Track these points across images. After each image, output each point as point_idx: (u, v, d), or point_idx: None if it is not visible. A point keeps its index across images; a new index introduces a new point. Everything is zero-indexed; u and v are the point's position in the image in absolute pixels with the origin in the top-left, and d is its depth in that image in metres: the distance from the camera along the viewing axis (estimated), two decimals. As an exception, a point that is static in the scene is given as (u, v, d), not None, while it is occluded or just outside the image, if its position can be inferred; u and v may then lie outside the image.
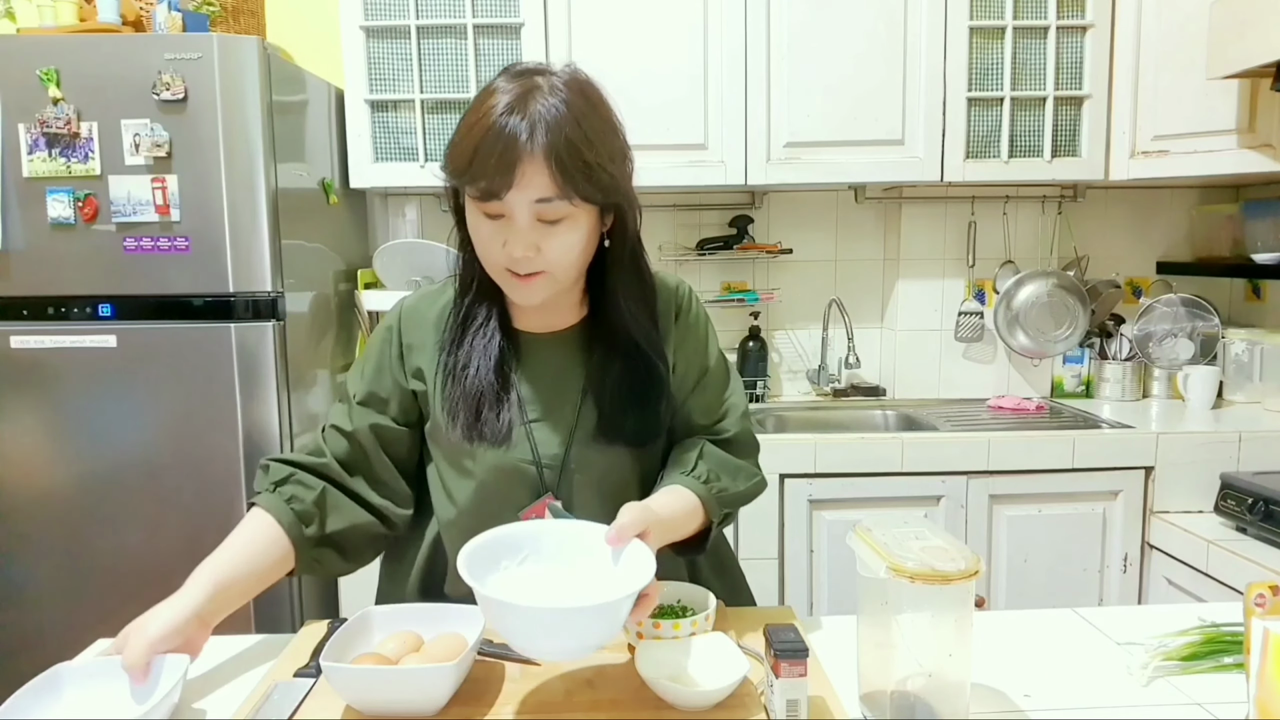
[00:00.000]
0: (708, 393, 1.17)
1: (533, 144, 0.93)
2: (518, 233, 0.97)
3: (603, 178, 0.97)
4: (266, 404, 1.99)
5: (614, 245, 1.06)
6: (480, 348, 1.08)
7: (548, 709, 0.91)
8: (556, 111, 0.94)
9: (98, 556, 2.01)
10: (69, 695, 0.91)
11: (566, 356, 1.12)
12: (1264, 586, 0.85)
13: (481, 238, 1.00)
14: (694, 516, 1.06)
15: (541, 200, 0.95)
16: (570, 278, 1.04)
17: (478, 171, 0.95)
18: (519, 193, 0.94)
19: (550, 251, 0.98)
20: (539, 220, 0.97)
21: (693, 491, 1.06)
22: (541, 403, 1.10)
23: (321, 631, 1.08)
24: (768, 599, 2.20)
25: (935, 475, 2.18)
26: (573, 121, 0.95)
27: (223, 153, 1.93)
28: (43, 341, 1.97)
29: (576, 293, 1.12)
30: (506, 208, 0.96)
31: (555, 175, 0.94)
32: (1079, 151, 2.41)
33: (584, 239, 1.01)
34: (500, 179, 0.94)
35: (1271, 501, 1.88)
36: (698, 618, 1.00)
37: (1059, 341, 2.59)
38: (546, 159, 0.93)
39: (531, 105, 0.94)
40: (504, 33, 2.31)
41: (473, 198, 0.98)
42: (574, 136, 0.94)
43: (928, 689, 0.86)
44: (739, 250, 2.64)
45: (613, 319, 1.09)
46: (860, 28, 2.32)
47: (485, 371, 1.07)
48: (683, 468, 1.10)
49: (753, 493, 1.17)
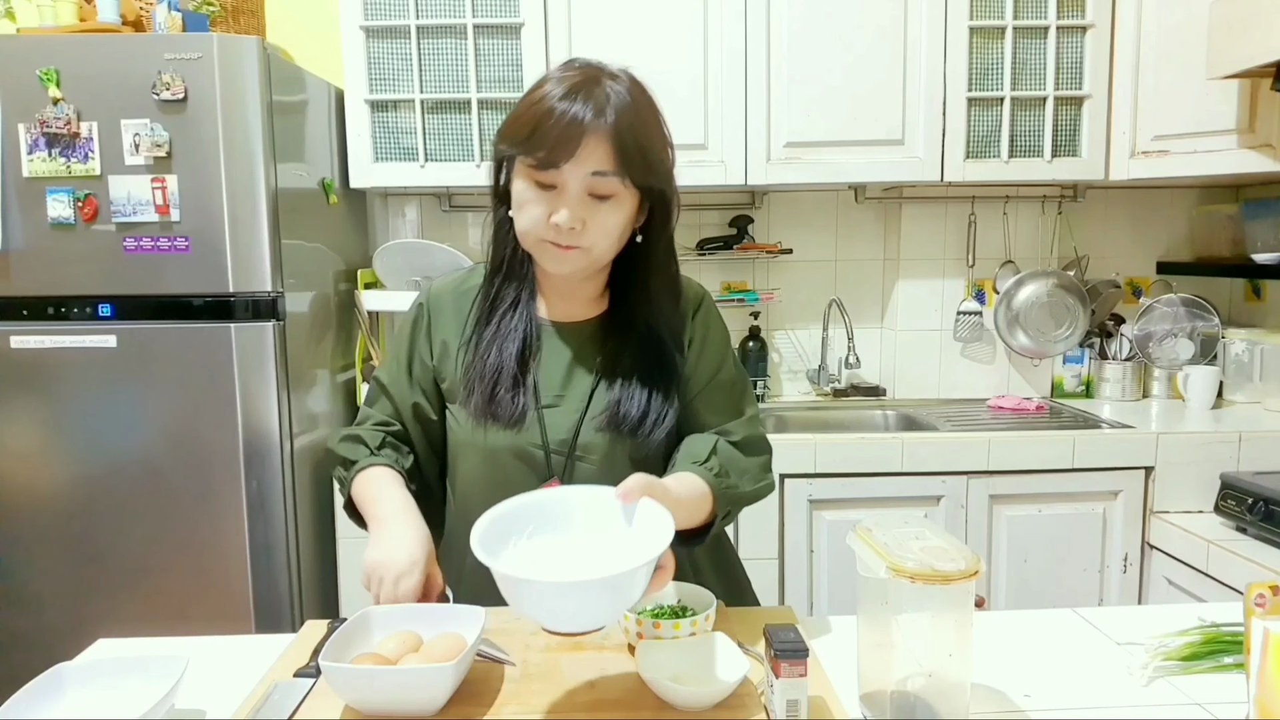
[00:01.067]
0: (719, 394, 1.18)
1: (598, 121, 0.99)
2: (567, 204, 1.01)
3: (655, 164, 1.05)
4: (266, 404, 1.99)
5: (652, 237, 1.11)
6: (506, 331, 1.12)
7: (548, 709, 0.91)
8: (620, 97, 1.02)
9: (98, 556, 2.01)
10: (69, 695, 0.91)
11: (584, 347, 1.15)
12: (1264, 586, 0.85)
13: (527, 208, 1.04)
14: (701, 506, 1.06)
15: (597, 173, 1.01)
16: (602, 260, 1.08)
17: (540, 140, 1.00)
18: (577, 164, 1.00)
19: (593, 228, 1.03)
20: (589, 194, 1.02)
21: (704, 481, 1.06)
22: (556, 389, 1.13)
23: (321, 631, 1.08)
24: (768, 599, 2.20)
25: (935, 475, 2.18)
26: (634, 108, 1.02)
27: (223, 153, 1.93)
28: (43, 341, 1.97)
29: (600, 284, 1.17)
30: (561, 178, 1.01)
31: (615, 152, 1.00)
32: (1079, 151, 2.41)
33: (623, 223, 1.06)
34: (562, 149, 0.99)
35: (1271, 501, 1.88)
36: (698, 618, 1.00)
37: (1059, 341, 2.59)
38: (609, 136, 1.00)
39: (597, 89, 1.01)
40: (504, 33, 2.31)
41: (529, 166, 1.02)
42: (635, 121, 1.02)
43: (928, 689, 0.86)
44: (739, 250, 2.64)
45: (638, 310, 1.13)
46: (860, 28, 2.32)
47: (508, 354, 1.11)
48: (695, 458, 1.10)
49: (758, 494, 1.17)
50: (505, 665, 0.99)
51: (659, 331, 1.13)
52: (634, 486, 0.92)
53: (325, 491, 2.19)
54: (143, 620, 2.01)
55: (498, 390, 1.10)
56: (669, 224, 1.12)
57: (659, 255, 1.12)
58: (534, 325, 1.14)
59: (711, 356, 1.19)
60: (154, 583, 2.02)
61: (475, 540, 0.86)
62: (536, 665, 0.99)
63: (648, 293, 1.13)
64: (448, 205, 2.66)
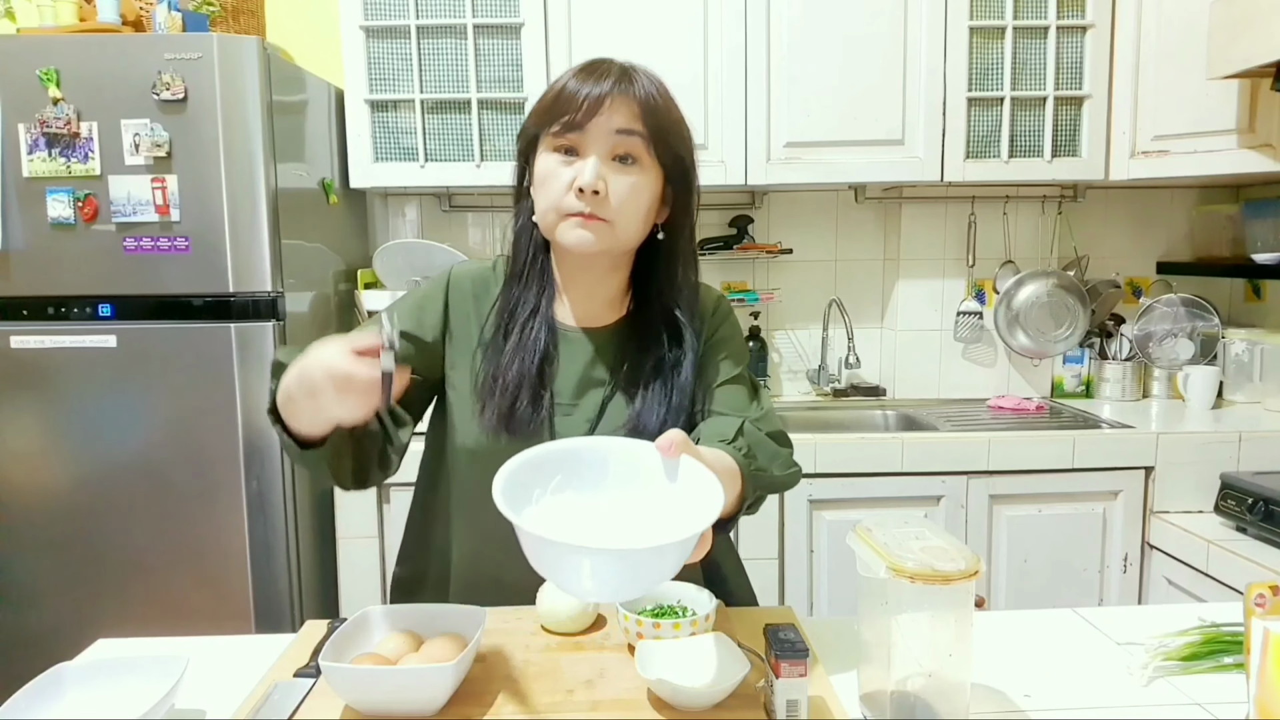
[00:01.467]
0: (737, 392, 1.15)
1: (623, 86, 1.01)
2: (590, 162, 1.00)
3: (680, 137, 1.05)
4: (266, 404, 1.99)
5: (674, 232, 1.11)
6: (526, 342, 1.09)
7: (548, 709, 0.91)
8: (643, 75, 1.04)
9: (98, 556, 2.01)
10: (69, 695, 0.91)
11: (603, 352, 1.13)
12: (1264, 586, 0.84)
13: (549, 182, 1.02)
14: (730, 485, 0.95)
15: (623, 131, 1.00)
16: (626, 241, 1.06)
17: (563, 106, 1.00)
18: (603, 120, 1.00)
19: (616, 196, 1.01)
20: (613, 156, 1.02)
21: (733, 460, 0.98)
22: (570, 396, 1.11)
23: (321, 631, 1.08)
24: (768, 599, 2.20)
25: (935, 475, 2.18)
26: (657, 87, 1.04)
27: (223, 153, 1.93)
28: (43, 341, 1.97)
29: (620, 283, 1.14)
30: (585, 140, 1.01)
31: (641, 113, 1.01)
32: (1079, 151, 2.41)
33: (648, 199, 1.05)
34: (587, 110, 0.99)
35: (1272, 501, 1.88)
36: (698, 618, 1.00)
37: (1059, 341, 2.59)
38: (634, 98, 1.01)
39: (619, 65, 1.03)
40: (504, 33, 2.31)
41: (552, 135, 1.02)
42: (659, 92, 1.04)
43: (928, 689, 0.86)
44: (739, 250, 2.64)
45: (658, 311, 1.12)
46: (860, 28, 2.32)
47: (529, 366, 1.08)
48: (722, 436, 1.03)
49: (788, 482, 1.11)
50: (505, 665, 0.99)
51: (680, 336, 1.11)
52: (676, 439, 0.83)
53: (325, 491, 2.19)
54: (143, 620, 2.01)
55: (517, 405, 1.07)
56: (689, 216, 1.11)
57: (681, 252, 1.12)
58: (554, 333, 1.11)
59: (730, 355, 1.16)
60: (154, 583, 2.02)
61: (498, 491, 0.77)
62: (536, 665, 0.99)
63: (671, 290, 1.11)
64: (448, 205, 2.66)
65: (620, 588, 0.78)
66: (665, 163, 1.05)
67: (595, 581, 0.75)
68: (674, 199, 1.09)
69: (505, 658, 1.00)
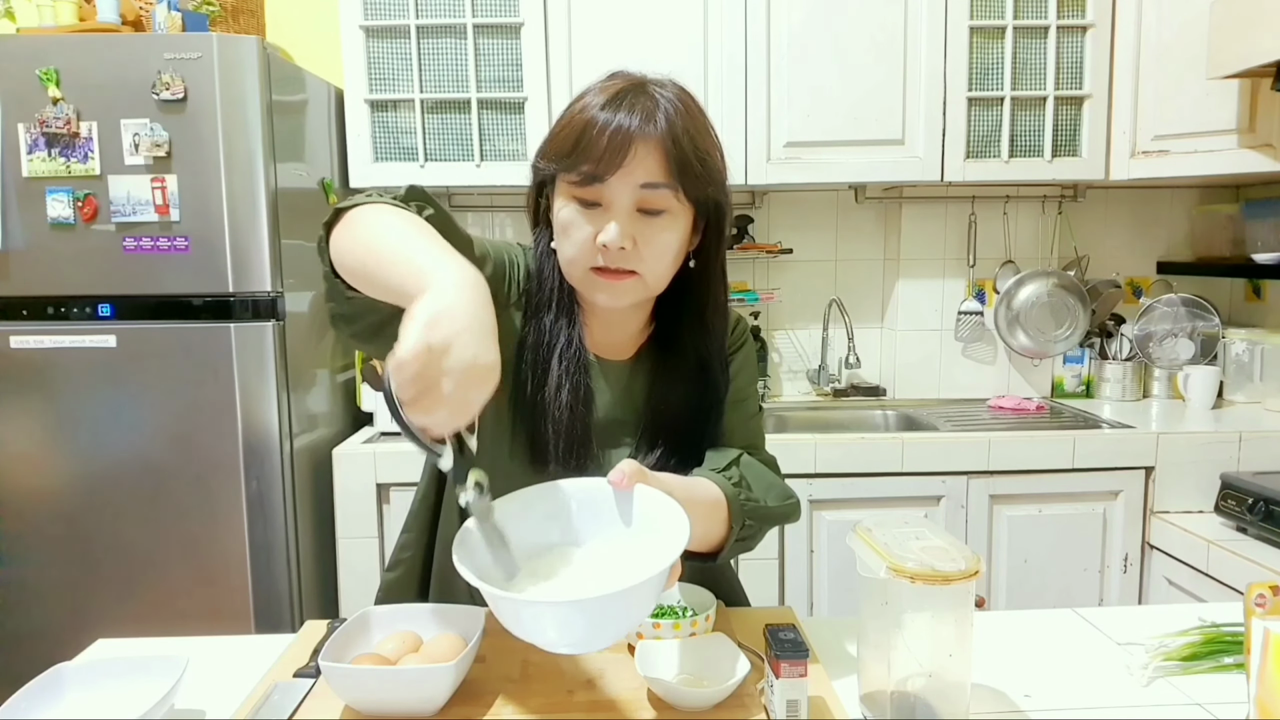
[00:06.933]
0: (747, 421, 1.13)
1: (647, 128, 0.91)
2: (616, 220, 0.92)
3: (710, 174, 0.96)
4: (266, 404, 1.99)
5: (707, 259, 1.03)
6: (568, 380, 1.00)
7: (548, 709, 0.91)
8: (670, 103, 0.93)
9: (97, 556, 2.01)
10: (69, 695, 0.91)
11: (629, 385, 1.08)
12: (1264, 586, 0.84)
13: (571, 233, 0.95)
14: (713, 515, 0.96)
15: (648, 185, 0.92)
16: (657, 287, 0.99)
17: (584, 154, 0.91)
18: (626, 175, 0.91)
19: (645, 249, 0.94)
20: (639, 210, 0.93)
21: (720, 489, 0.97)
22: (599, 429, 1.04)
23: (321, 631, 1.08)
24: (768, 599, 2.20)
25: (935, 475, 2.18)
26: (685, 113, 0.94)
27: (222, 153, 1.93)
28: (42, 341, 1.97)
29: (645, 315, 1.08)
30: (607, 194, 0.93)
31: (667, 161, 0.92)
32: (1079, 151, 2.41)
33: (678, 243, 0.97)
34: (608, 161, 0.90)
35: (1272, 501, 1.88)
36: (698, 618, 1.00)
37: (1059, 341, 2.59)
38: (660, 143, 0.91)
39: (643, 95, 0.93)
40: (504, 33, 2.31)
41: (571, 183, 0.94)
42: (688, 126, 0.93)
43: (928, 689, 0.86)
44: (739, 250, 2.64)
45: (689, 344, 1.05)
46: (860, 28, 2.32)
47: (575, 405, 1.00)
48: (714, 465, 1.02)
49: (784, 514, 1.07)
50: (505, 665, 0.99)
51: (711, 366, 1.05)
52: (628, 470, 0.82)
53: (325, 491, 2.19)
54: (143, 620, 2.01)
55: (560, 441, 1.00)
56: (723, 241, 1.03)
57: (714, 280, 1.04)
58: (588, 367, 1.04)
59: (744, 380, 1.13)
60: (154, 583, 2.02)
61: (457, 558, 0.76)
62: (536, 665, 0.99)
63: (702, 323, 1.04)
64: (447, 205, 2.66)
65: (591, 637, 0.75)
66: (695, 200, 0.97)
67: (560, 633, 0.73)
68: (706, 227, 1.02)
69: (505, 658, 1.00)
